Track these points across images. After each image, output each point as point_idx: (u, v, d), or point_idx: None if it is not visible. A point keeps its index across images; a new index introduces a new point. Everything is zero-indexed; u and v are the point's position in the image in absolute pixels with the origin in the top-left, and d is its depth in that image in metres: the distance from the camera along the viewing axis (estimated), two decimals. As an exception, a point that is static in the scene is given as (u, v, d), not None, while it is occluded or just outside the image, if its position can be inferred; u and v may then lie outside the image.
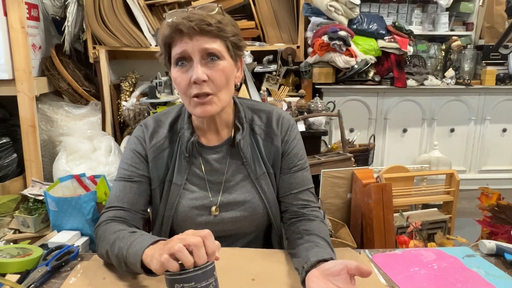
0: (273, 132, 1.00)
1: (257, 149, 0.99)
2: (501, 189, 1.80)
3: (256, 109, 1.02)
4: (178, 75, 0.88)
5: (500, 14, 3.11)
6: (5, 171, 2.30)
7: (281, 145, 1.00)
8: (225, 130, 0.99)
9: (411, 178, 2.29)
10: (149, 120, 1.02)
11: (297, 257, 0.85)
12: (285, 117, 1.02)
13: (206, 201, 0.97)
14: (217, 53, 0.86)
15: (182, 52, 0.86)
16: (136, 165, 0.97)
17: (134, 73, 2.75)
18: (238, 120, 0.98)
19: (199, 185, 0.98)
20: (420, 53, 3.26)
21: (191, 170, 0.97)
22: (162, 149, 0.98)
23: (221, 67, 0.87)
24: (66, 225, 1.76)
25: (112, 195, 0.96)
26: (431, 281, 0.80)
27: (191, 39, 0.84)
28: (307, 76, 2.82)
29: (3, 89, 2.18)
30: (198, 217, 0.96)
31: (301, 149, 1.02)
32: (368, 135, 2.90)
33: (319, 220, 0.96)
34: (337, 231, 1.96)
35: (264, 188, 0.98)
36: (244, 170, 0.98)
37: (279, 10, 2.78)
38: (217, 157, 0.98)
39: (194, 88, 0.86)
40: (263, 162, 0.99)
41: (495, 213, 1.51)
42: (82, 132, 2.44)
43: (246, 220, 0.97)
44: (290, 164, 1.00)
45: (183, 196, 0.96)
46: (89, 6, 2.45)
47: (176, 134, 0.99)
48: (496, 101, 3.08)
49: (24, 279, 0.80)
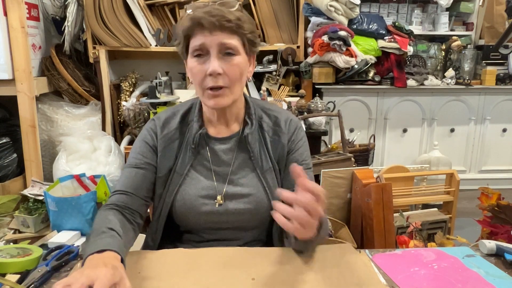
0: (281, 131, 1.03)
1: (264, 145, 1.02)
2: (501, 189, 1.80)
3: (266, 109, 1.06)
4: (195, 66, 0.92)
5: (500, 14, 3.11)
6: (5, 171, 2.30)
7: (287, 143, 1.03)
8: (235, 124, 1.03)
9: (411, 178, 2.29)
10: (161, 114, 1.06)
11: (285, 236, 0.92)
12: (294, 120, 1.06)
13: (212, 191, 0.98)
14: (233, 48, 0.91)
15: (201, 45, 0.89)
16: (143, 154, 1.00)
17: (134, 73, 2.75)
18: (248, 115, 1.02)
19: (205, 174, 1.00)
20: (420, 53, 3.26)
21: (197, 160, 1.00)
22: (173, 140, 1.01)
23: (236, 62, 0.92)
24: (66, 225, 1.76)
25: (120, 180, 1.00)
26: (431, 281, 0.80)
27: (210, 33, 0.88)
28: (307, 76, 2.82)
29: (3, 89, 2.18)
30: (203, 206, 0.97)
31: (306, 151, 1.05)
32: (368, 135, 2.90)
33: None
34: (337, 231, 1.96)
35: (270, 182, 1.00)
36: (250, 164, 1.00)
37: (279, 10, 2.78)
38: (224, 148, 1.01)
39: (209, 80, 0.90)
40: (270, 158, 1.01)
41: (495, 213, 1.51)
42: (82, 132, 2.44)
43: (249, 213, 0.98)
44: (295, 162, 1.00)
45: (187, 184, 0.98)
46: (89, 6, 2.45)
47: (186, 126, 1.02)
48: (496, 101, 3.08)
49: (24, 279, 0.80)
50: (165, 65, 2.78)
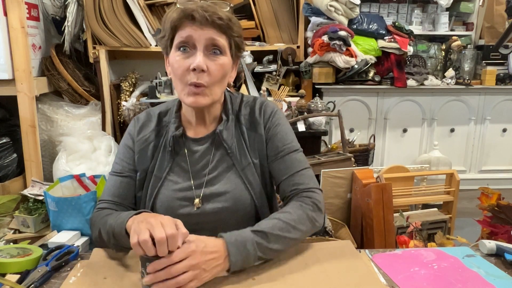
0: (256, 121, 1.00)
1: (243, 140, 1.00)
2: (501, 189, 1.80)
3: (244, 100, 1.04)
4: (178, 60, 0.89)
5: (500, 14, 3.11)
6: (5, 171, 2.29)
7: (264, 132, 1.00)
8: (213, 124, 1.01)
9: (411, 178, 2.29)
10: (141, 114, 1.05)
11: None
12: (268, 104, 1.03)
13: (189, 193, 0.97)
14: (221, 47, 0.89)
15: (188, 37, 0.87)
16: (126, 160, 1.00)
17: (134, 73, 2.75)
18: (224, 111, 1.00)
19: (182, 176, 0.98)
20: (420, 53, 3.26)
21: (175, 162, 0.99)
22: (148, 142, 1.00)
23: (221, 62, 0.90)
24: (66, 225, 1.76)
25: (105, 188, 1.00)
26: (431, 281, 0.80)
27: (200, 27, 0.87)
28: (307, 76, 2.82)
29: (3, 89, 2.18)
30: (180, 208, 0.96)
31: (286, 133, 1.00)
32: (368, 135, 2.90)
33: (299, 203, 0.92)
34: (337, 231, 1.96)
35: (250, 178, 0.98)
36: (229, 160, 0.98)
37: (279, 10, 2.78)
38: (201, 148, 0.99)
39: (191, 75, 0.88)
40: (248, 152, 0.99)
41: (495, 213, 1.51)
42: (82, 132, 2.44)
43: (228, 211, 0.96)
44: (276, 150, 0.99)
45: (165, 186, 0.97)
46: (89, 6, 2.45)
47: (164, 128, 1.01)
48: (496, 101, 3.08)
49: (24, 279, 0.80)
50: (165, 65, 2.78)
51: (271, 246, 0.82)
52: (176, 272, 0.71)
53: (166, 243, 0.70)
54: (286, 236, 0.85)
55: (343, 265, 0.85)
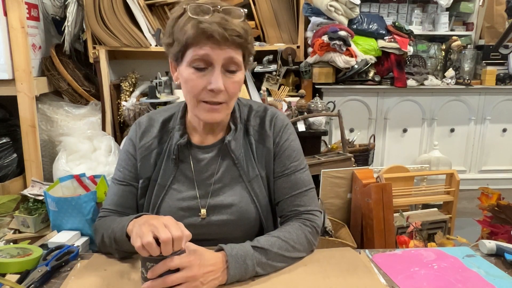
0: (266, 133, 0.97)
1: (251, 151, 0.97)
2: (501, 189, 1.80)
3: (253, 109, 1.00)
4: (193, 78, 0.85)
5: (500, 14, 3.11)
6: (5, 171, 2.29)
7: (272, 146, 0.97)
8: (221, 133, 0.98)
9: (411, 178, 2.28)
10: (143, 119, 1.02)
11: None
12: (279, 117, 0.99)
13: (193, 202, 0.94)
14: (239, 64, 0.86)
15: (204, 56, 0.82)
16: (128, 168, 0.98)
17: (134, 73, 2.75)
18: (232, 120, 0.97)
19: (187, 185, 0.95)
20: (420, 53, 3.26)
21: (179, 170, 0.96)
22: (151, 150, 0.97)
23: (238, 79, 0.88)
24: (66, 225, 1.75)
25: (108, 196, 0.98)
26: (431, 281, 0.80)
27: (219, 46, 0.82)
28: (307, 76, 2.82)
29: (3, 89, 2.18)
30: (184, 218, 0.93)
31: (294, 151, 0.98)
32: (368, 135, 2.90)
33: (299, 224, 0.92)
34: (337, 231, 1.96)
35: (257, 191, 0.95)
36: (235, 171, 0.95)
37: (279, 10, 2.78)
38: (208, 156, 0.96)
39: (207, 94, 0.85)
40: (256, 165, 0.96)
41: (495, 213, 1.51)
42: (82, 132, 2.43)
43: (233, 224, 0.94)
44: (283, 167, 0.96)
45: (169, 196, 0.95)
46: (89, 6, 2.44)
47: (167, 134, 0.98)
48: (496, 101, 3.08)
49: (24, 279, 0.80)
50: (165, 65, 2.78)
51: (269, 263, 0.83)
52: (172, 282, 0.71)
53: (171, 243, 0.70)
54: (285, 255, 0.85)
55: (343, 266, 0.85)
